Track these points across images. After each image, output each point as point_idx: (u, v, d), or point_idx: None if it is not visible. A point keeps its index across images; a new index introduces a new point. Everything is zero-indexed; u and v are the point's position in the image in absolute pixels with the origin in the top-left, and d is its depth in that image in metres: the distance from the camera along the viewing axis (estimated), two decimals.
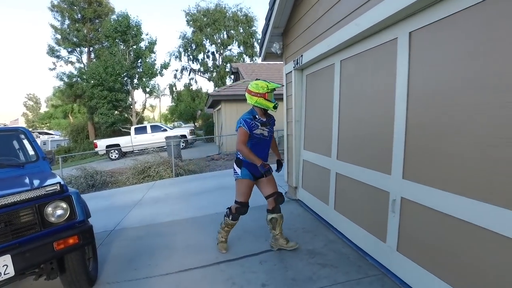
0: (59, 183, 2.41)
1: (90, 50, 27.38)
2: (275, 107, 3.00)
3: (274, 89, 2.99)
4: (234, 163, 3.17)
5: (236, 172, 3.13)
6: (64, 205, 2.40)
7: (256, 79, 3.13)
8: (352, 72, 3.22)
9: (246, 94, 3.06)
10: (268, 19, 4.69)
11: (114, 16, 24.37)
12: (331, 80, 3.60)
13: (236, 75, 18.29)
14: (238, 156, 3.11)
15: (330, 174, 3.70)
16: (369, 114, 2.92)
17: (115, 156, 16.33)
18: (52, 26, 25.14)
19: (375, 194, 2.80)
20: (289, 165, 5.14)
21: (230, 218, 3.19)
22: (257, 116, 3.01)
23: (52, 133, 33.78)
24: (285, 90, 5.07)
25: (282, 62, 5.22)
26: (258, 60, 28.34)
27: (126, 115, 24.86)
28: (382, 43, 2.67)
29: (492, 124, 1.70)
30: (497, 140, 1.68)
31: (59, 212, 2.38)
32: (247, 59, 31.89)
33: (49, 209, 2.33)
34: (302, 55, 4.11)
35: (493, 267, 1.70)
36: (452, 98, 1.98)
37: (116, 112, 23.55)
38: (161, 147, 14.07)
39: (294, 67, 4.47)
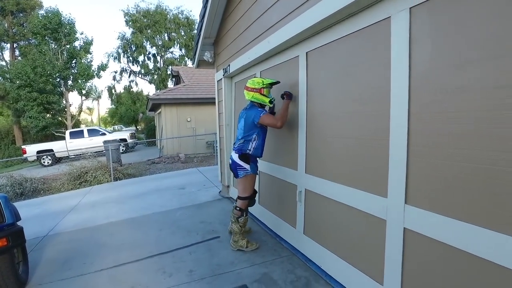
0: None
1: (14, 46, 25.13)
2: (271, 102, 3.13)
3: (270, 85, 3.13)
4: (238, 159, 3.14)
5: (244, 168, 3.14)
6: None
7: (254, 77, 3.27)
8: None
9: (244, 91, 3.22)
10: (199, 29, 5.02)
11: (42, 12, 22.56)
12: None
13: (177, 78, 18.18)
14: (247, 152, 3.13)
15: None
16: None
17: (48, 162, 15.30)
18: None
19: (287, 188, 3.31)
20: (221, 165, 5.51)
21: (245, 215, 3.28)
22: None
23: None
24: (216, 96, 5.44)
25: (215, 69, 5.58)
26: None
27: (60, 119, 23.19)
28: (289, 58, 3.18)
29: (352, 128, 2.27)
30: (353, 141, 2.25)
31: None
32: (189, 62, 31.67)
33: None
34: (229, 65, 4.52)
35: (360, 235, 2.25)
36: (330, 107, 2.55)
37: (48, 115, 21.76)
38: (100, 151, 13.55)
39: (223, 75, 4.86)
